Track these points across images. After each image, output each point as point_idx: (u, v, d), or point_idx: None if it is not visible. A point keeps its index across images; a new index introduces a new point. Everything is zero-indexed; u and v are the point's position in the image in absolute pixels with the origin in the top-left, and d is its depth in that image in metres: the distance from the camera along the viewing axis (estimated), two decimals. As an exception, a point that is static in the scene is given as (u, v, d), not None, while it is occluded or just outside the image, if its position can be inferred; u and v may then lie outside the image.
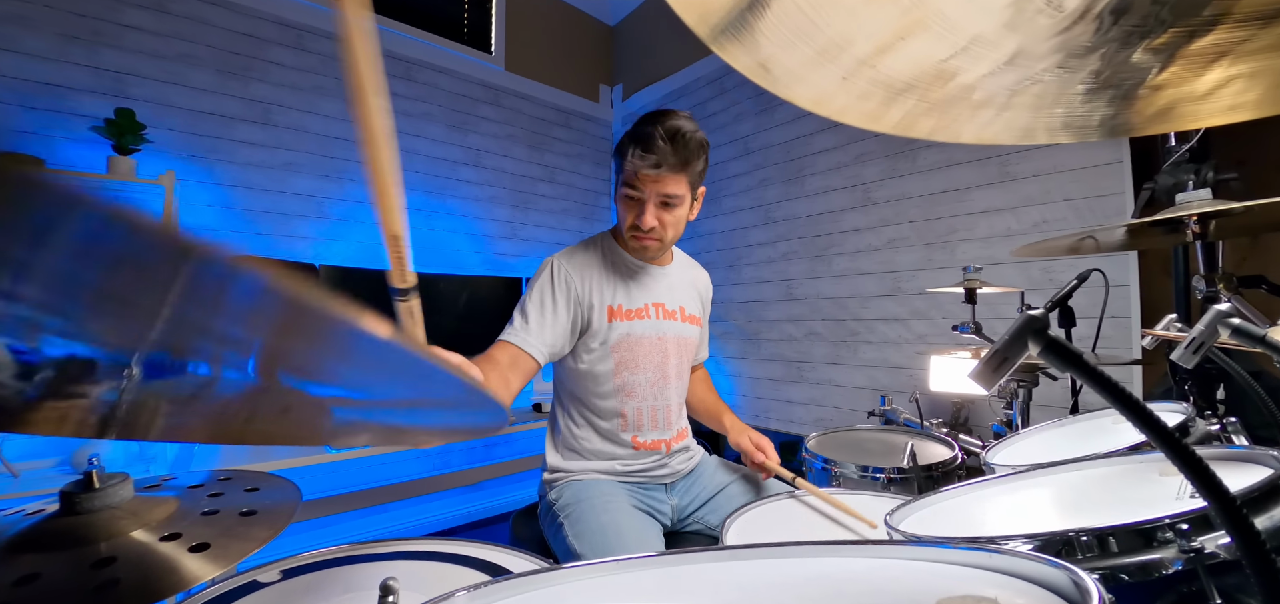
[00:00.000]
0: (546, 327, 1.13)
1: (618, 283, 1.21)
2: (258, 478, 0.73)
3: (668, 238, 1.17)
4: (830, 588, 0.46)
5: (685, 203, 1.16)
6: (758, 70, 0.35)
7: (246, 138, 2.57)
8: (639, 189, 1.11)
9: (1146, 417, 0.36)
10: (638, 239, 1.16)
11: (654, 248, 1.18)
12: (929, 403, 1.95)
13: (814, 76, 0.36)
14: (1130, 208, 1.88)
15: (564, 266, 1.18)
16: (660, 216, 1.13)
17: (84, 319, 0.20)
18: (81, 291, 0.18)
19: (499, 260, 3.41)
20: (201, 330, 0.23)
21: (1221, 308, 0.59)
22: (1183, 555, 0.45)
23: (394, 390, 0.36)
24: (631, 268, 1.24)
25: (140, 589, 0.50)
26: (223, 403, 0.29)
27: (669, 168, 1.09)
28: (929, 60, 0.34)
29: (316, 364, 0.29)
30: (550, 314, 1.14)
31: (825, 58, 0.34)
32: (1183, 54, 0.31)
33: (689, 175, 1.12)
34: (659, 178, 1.09)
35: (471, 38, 3.42)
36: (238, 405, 0.30)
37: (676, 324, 1.27)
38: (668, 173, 1.09)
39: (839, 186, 2.85)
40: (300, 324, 0.24)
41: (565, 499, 1.13)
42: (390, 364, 0.30)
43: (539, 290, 1.16)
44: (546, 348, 1.13)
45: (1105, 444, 0.82)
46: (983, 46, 0.33)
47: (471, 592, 0.46)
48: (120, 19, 2.27)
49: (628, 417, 1.20)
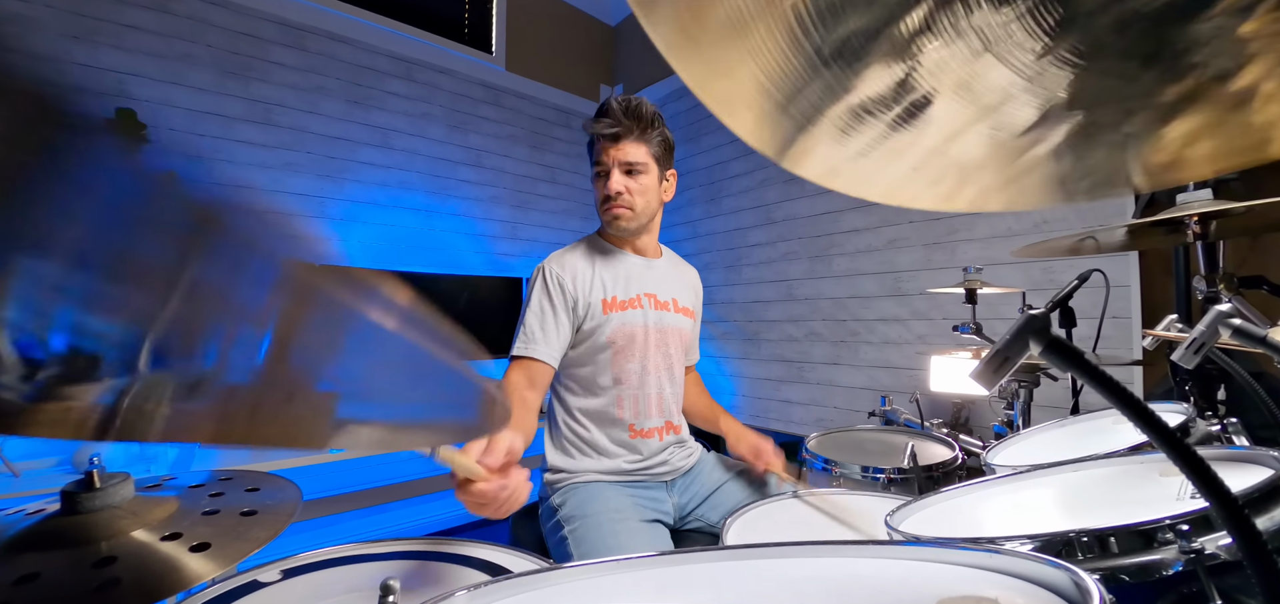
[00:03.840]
0: (551, 332, 1.17)
1: (609, 276, 1.24)
2: (258, 478, 0.73)
3: (638, 206, 1.22)
4: (830, 588, 0.46)
5: (650, 173, 1.22)
6: (828, 176, 0.37)
7: (246, 138, 2.58)
8: (603, 160, 1.19)
9: (1148, 417, 0.36)
10: (609, 209, 1.21)
11: (625, 215, 1.22)
12: (929, 403, 1.95)
13: (884, 174, 0.37)
14: (1131, 208, 1.88)
15: (555, 270, 1.21)
16: (626, 184, 1.20)
17: (105, 283, 0.20)
18: (108, 250, 0.18)
19: (499, 260, 3.41)
20: (217, 303, 0.23)
21: (1222, 308, 0.59)
22: (1183, 556, 0.45)
23: (402, 383, 0.36)
24: (621, 260, 1.27)
25: (140, 589, 0.50)
26: (228, 394, 0.29)
27: (626, 134, 1.18)
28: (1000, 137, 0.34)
29: (328, 349, 0.29)
30: (551, 320, 1.18)
31: (894, 155, 0.36)
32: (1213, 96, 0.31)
33: (648, 145, 1.20)
34: (619, 146, 1.18)
35: (472, 38, 3.42)
36: (243, 396, 0.30)
37: (670, 314, 1.29)
38: (626, 140, 1.18)
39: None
40: (318, 297, 0.24)
41: (569, 507, 1.13)
42: (401, 354, 0.30)
43: (536, 299, 1.20)
44: (556, 353, 1.18)
45: (1106, 444, 0.81)
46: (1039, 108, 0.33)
47: (471, 592, 0.46)
48: (120, 19, 2.28)
49: (624, 404, 1.21)
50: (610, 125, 1.18)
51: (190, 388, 0.27)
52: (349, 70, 2.89)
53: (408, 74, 3.11)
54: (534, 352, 1.15)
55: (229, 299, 0.23)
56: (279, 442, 0.36)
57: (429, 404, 0.42)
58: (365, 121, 2.94)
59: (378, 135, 2.98)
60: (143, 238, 0.18)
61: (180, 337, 0.23)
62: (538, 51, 3.70)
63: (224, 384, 0.28)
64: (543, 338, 1.16)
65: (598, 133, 1.19)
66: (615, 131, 1.18)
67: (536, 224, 3.63)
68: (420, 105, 3.15)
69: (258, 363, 0.27)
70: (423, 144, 3.16)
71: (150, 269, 0.19)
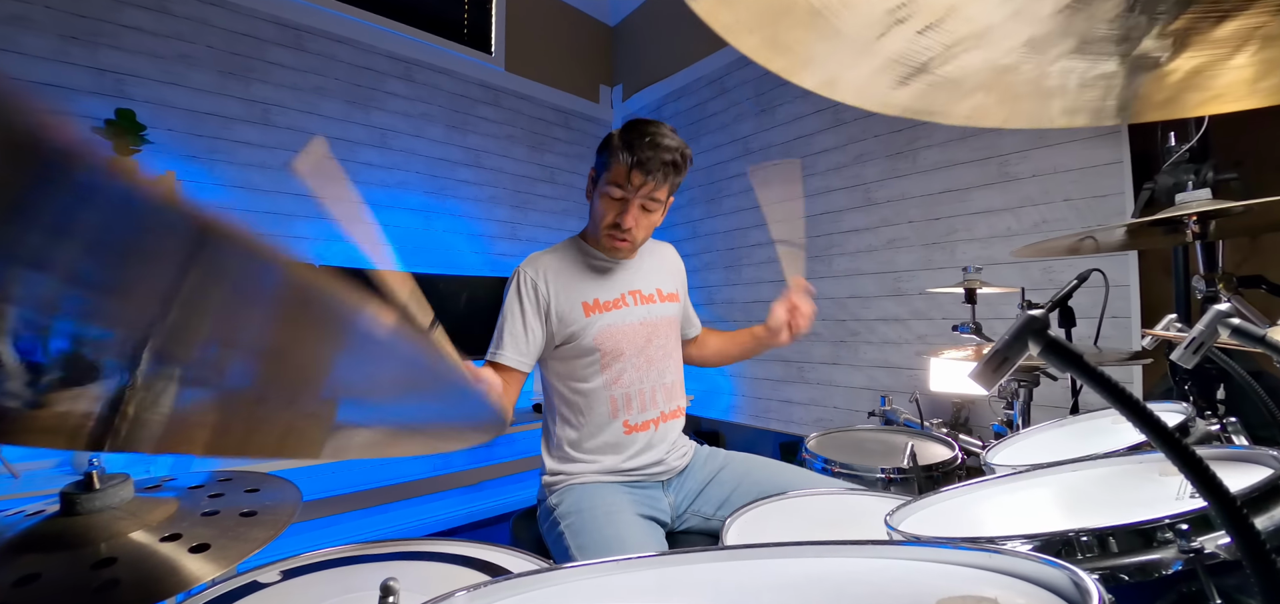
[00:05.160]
0: (520, 337, 1.18)
1: (590, 279, 1.24)
2: (258, 479, 0.73)
3: (639, 239, 1.22)
4: (830, 588, 0.46)
5: (662, 208, 1.22)
6: (827, 86, 0.38)
7: (246, 138, 2.57)
8: (627, 188, 1.14)
9: (1146, 417, 0.36)
10: (613, 238, 1.20)
11: (625, 249, 1.23)
12: (929, 403, 1.95)
13: (877, 87, 0.38)
14: (1130, 208, 1.88)
15: (530, 273, 1.22)
16: (639, 219, 1.18)
17: (104, 296, 0.20)
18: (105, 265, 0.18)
19: (499, 261, 3.41)
20: (214, 316, 0.23)
21: (1221, 308, 0.59)
22: (1183, 556, 0.45)
23: (398, 386, 0.36)
24: (603, 264, 1.27)
25: (140, 590, 0.50)
26: (225, 401, 0.29)
27: (665, 178, 1.15)
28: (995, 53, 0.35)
29: (325, 353, 0.29)
30: (520, 326, 1.19)
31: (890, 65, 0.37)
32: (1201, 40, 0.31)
33: (670, 185, 1.19)
34: (650, 183, 1.14)
35: (471, 38, 3.42)
36: (241, 402, 0.30)
37: (656, 306, 1.30)
38: (662, 182, 1.15)
39: (839, 187, 2.85)
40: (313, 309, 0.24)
41: (566, 506, 1.13)
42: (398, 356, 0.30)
43: (509, 305, 1.21)
44: (526, 358, 1.19)
45: (1105, 444, 0.81)
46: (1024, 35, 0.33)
47: (471, 592, 0.46)
48: (120, 19, 2.27)
49: (616, 401, 1.22)
50: (659, 163, 1.11)
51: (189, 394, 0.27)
52: (348, 70, 2.89)
53: (407, 74, 3.11)
54: (501, 357, 1.17)
55: (226, 308, 0.23)
56: (277, 451, 0.36)
57: (427, 408, 0.42)
58: (364, 122, 2.94)
59: (377, 136, 2.98)
60: (141, 251, 0.18)
61: (180, 343, 0.23)
62: (537, 52, 3.70)
63: (222, 391, 0.28)
64: (512, 343, 1.18)
65: (641, 161, 1.11)
66: (662, 172, 1.13)
67: (535, 225, 3.62)
68: (419, 106, 3.15)
69: (256, 369, 0.27)
70: (422, 144, 3.15)
71: (149, 281, 0.19)
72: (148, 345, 0.23)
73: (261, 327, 0.25)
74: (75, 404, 0.25)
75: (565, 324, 1.20)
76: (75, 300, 0.19)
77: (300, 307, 0.24)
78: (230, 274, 0.20)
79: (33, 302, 0.19)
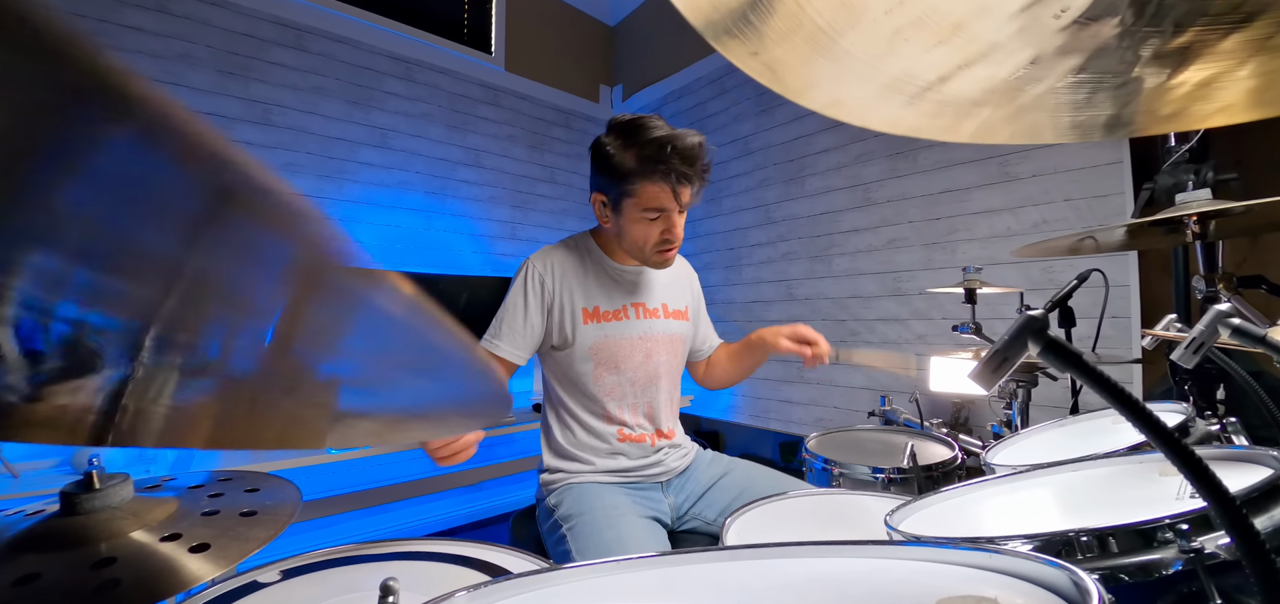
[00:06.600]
0: (518, 331, 1.18)
1: (596, 286, 1.23)
2: (258, 478, 0.73)
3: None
4: (830, 588, 0.46)
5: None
6: (832, 106, 0.39)
7: (246, 138, 2.57)
8: (671, 205, 1.13)
9: (1146, 417, 0.36)
10: (664, 253, 1.18)
11: (672, 257, 1.22)
12: (929, 403, 1.95)
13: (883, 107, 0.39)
14: (1130, 208, 1.88)
15: (539, 269, 1.20)
16: (681, 225, 1.18)
17: (110, 268, 0.19)
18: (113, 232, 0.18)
19: (499, 261, 3.41)
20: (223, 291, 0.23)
21: (1221, 308, 0.59)
22: (1183, 556, 0.45)
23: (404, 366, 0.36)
24: (612, 272, 1.25)
25: (140, 590, 0.50)
26: (228, 386, 0.29)
27: (701, 183, 1.15)
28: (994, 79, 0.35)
29: (332, 333, 0.29)
30: (520, 319, 1.18)
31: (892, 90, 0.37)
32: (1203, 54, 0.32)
33: None
34: (689, 190, 1.14)
35: (471, 38, 3.42)
36: (244, 387, 0.29)
37: (661, 321, 1.27)
38: (698, 186, 1.15)
39: (839, 187, 2.85)
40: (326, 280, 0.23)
41: (566, 506, 1.13)
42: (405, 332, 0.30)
43: (513, 296, 1.20)
44: (522, 351, 1.19)
45: (1105, 444, 0.81)
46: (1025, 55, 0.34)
47: (471, 592, 0.46)
48: (120, 19, 2.28)
49: (611, 413, 1.21)
50: (698, 172, 1.12)
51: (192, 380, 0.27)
52: (348, 70, 2.89)
53: (407, 74, 3.11)
54: (497, 348, 1.17)
55: (236, 286, 0.23)
56: (279, 442, 0.35)
57: (431, 392, 0.42)
58: (365, 122, 2.94)
59: (377, 135, 2.98)
60: (148, 223, 0.18)
61: (184, 326, 0.23)
62: (537, 52, 3.70)
63: (226, 375, 0.28)
64: (509, 335, 1.17)
65: (683, 176, 1.10)
66: (701, 177, 1.13)
67: (536, 224, 3.62)
68: (420, 105, 3.15)
69: (262, 351, 0.27)
70: (422, 144, 3.16)
71: (155, 257, 0.19)
72: (150, 331, 0.22)
73: (268, 306, 0.25)
74: (75, 397, 0.25)
75: (563, 327, 1.19)
76: (82, 277, 0.19)
77: (308, 284, 0.24)
78: (241, 245, 0.20)
79: (40, 280, 0.19)
